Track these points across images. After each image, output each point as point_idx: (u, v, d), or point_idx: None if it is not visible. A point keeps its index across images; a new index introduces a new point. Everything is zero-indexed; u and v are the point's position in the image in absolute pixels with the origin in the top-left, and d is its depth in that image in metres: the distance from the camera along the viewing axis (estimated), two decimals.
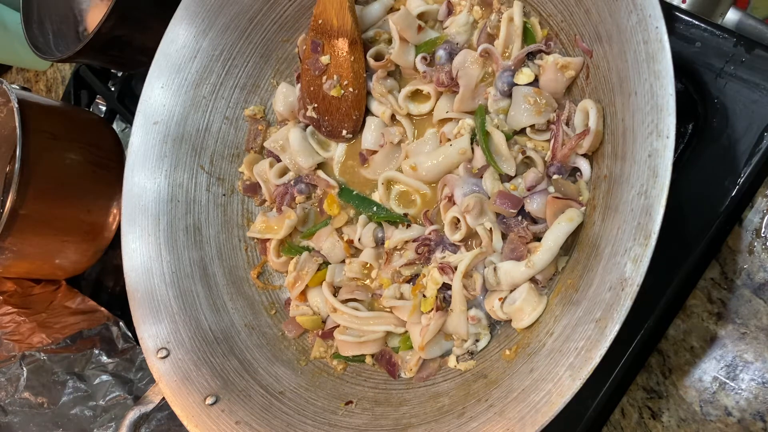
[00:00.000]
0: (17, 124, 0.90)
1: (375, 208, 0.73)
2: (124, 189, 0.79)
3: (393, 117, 0.74)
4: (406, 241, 0.68)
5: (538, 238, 0.59)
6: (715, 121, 0.61)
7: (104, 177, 1.03)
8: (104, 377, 0.93)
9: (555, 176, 0.60)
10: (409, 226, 0.69)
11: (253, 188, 0.84)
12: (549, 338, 0.52)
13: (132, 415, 0.69)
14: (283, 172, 0.81)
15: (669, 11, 0.63)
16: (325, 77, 0.76)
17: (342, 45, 0.73)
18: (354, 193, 0.76)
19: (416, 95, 0.73)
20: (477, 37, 0.69)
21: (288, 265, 0.78)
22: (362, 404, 0.66)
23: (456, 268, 0.62)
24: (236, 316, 0.77)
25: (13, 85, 1.02)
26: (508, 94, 0.64)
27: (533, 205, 0.59)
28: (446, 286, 0.64)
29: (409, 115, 0.73)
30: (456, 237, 0.63)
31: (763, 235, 0.60)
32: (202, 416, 0.64)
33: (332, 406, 0.67)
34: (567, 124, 0.60)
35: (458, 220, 0.63)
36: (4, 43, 1.36)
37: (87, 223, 1.02)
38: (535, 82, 0.62)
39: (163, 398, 0.68)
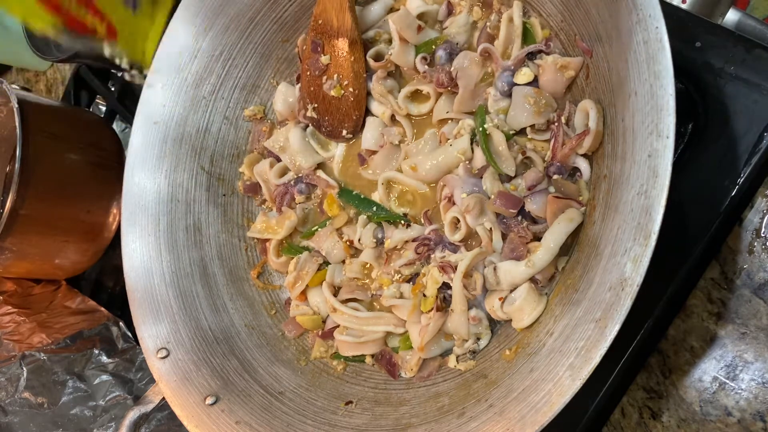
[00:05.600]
0: (17, 124, 0.90)
1: (375, 208, 0.73)
2: (124, 189, 0.79)
3: (393, 117, 0.74)
4: (406, 241, 0.68)
5: (537, 237, 0.59)
6: (715, 121, 0.61)
7: (104, 177, 1.02)
8: (104, 377, 0.93)
9: (555, 176, 0.60)
10: (408, 226, 0.69)
11: (254, 188, 0.84)
12: (549, 338, 0.52)
13: (132, 415, 0.69)
14: (283, 172, 0.81)
15: (669, 11, 0.63)
16: (325, 77, 0.76)
17: (342, 45, 0.73)
18: (354, 193, 0.76)
19: (416, 95, 0.73)
20: (477, 37, 0.69)
21: (288, 266, 0.78)
22: (362, 404, 0.66)
23: (456, 268, 0.62)
24: (236, 316, 0.77)
25: (13, 85, 1.01)
26: (508, 94, 0.64)
27: (533, 205, 0.59)
28: (446, 286, 0.64)
29: (408, 116, 0.73)
30: (456, 237, 0.63)
31: (763, 235, 0.60)
32: (202, 416, 0.65)
33: (332, 406, 0.67)
34: (567, 124, 0.60)
35: (458, 220, 0.63)
36: (4, 43, 1.36)
37: (87, 223, 1.02)
38: (534, 82, 0.62)
39: (163, 398, 0.68)
